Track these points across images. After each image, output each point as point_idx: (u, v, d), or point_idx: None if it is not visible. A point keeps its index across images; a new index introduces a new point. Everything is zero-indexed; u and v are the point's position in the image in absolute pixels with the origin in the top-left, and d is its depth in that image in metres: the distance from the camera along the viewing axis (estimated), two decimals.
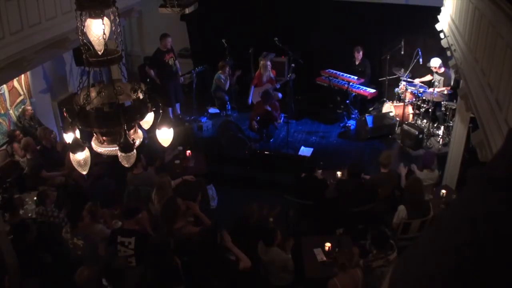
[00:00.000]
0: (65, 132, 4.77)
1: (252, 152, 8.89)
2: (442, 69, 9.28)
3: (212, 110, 10.52)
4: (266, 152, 9.00)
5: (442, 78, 9.33)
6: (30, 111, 8.66)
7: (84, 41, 3.74)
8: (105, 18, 3.69)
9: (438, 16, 8.21)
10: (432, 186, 6.91)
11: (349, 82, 9.84)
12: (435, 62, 9.24)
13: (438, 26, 8.07)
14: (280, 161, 8.72)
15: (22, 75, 8.39)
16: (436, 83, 9.15)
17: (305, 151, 9.02)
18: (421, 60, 9.15)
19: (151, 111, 4.19)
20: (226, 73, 10.02)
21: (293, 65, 9.15)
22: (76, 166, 4.00)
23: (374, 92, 9.85)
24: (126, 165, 3.95)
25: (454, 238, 0.62)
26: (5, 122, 8.43)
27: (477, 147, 4.83)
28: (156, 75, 9.64)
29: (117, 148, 3.84)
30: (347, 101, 9.88)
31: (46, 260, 5.53)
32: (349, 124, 9.91)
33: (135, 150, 3.91)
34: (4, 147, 8.27)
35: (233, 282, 4.93)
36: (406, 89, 9.43)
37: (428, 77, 9.72)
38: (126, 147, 3.80)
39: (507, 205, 0.60)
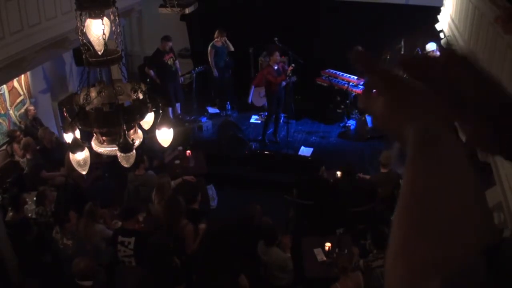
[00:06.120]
0: (65, 132, 4.78)
1: (252, 152, 8.88)
2: (438, 54, 9.16)
3: (212, 110, 10.51)
4: (266, 152, 8.99)
5: None
6: (33, 111, 8.61)
7: (84, 41, 3.74)
8: (105, 18, 3.69)
9: (438, 16, 8.21)
10: None
11: (349, 82, 9.83)
12: (431, 46, 9.13)
13: (438, 26, 8.07)
14: (280, 161, 8.71)
15: (22, 75, 8.38)
16: None
17: (305, 151, 9.01)
18: None
19: (151, 111, 4.19)
20: (222, 42, 9.72)
21: (293, 65, 9.14)
22: (75, 166, 4.00)
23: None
24: (126, 165, 3.95)
25: None
26: (5, 122, 8.42)
27: None
28: (156, 75, 9.63)
29: (117, 148, 3.85)
30: (347, 101, 9.87)
31: (46, 260, 5.52)
32: (349, 124, 9.89)
33: (134, 151, 3.91)
34: (4, 147, 8.27)
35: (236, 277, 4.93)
36: None
37: None
38: (126, 147, 3.80)
39: None
